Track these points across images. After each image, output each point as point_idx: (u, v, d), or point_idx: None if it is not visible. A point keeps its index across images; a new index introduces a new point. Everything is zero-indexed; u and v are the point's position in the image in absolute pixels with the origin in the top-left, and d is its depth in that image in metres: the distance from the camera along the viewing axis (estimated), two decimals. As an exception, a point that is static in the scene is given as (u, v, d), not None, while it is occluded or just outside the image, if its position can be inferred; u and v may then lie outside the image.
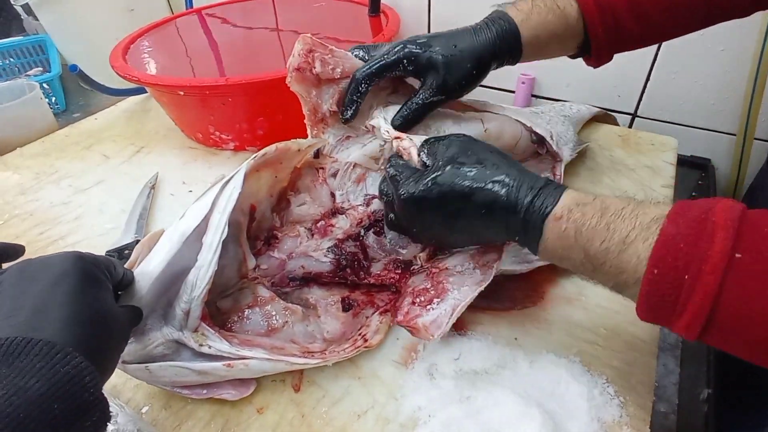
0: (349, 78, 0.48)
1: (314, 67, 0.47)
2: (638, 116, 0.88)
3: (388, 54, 0.47)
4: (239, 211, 0.46)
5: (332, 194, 0.53)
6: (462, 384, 0.40)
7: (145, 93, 0.94)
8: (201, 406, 0.41)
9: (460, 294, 0.43)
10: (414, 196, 0.40)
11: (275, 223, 0.51)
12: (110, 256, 0.39)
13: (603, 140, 0.73)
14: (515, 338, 0.45)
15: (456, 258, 0.47)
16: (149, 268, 0.37)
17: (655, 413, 0.50)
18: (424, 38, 0.47)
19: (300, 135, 0.51)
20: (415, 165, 0.43)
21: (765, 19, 0.70)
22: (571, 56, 0.53)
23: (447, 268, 0.46)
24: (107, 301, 0.31)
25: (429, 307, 0.43)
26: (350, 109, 0.49)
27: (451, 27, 0.49)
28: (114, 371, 0.31)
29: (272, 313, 0.45)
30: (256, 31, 0.91)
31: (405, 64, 0.47)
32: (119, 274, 0.35)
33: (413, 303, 0.44)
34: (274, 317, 0.44)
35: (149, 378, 0.38)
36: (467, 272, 0.45)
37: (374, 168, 0.53)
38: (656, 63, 0.81)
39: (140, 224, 0.61)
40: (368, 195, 0.53)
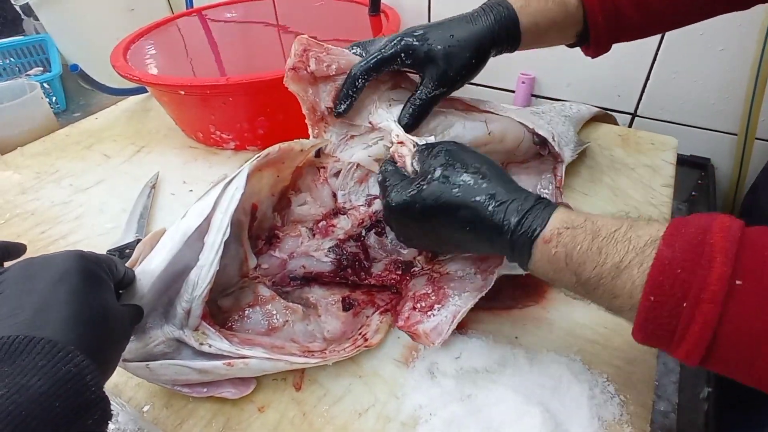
0: (345, 74, 0.48)
1: (308, 66, 0.47)
2: (638, 116, 0.88)
3: (385, 48, 0.46)
4: (241, 211, 0.46)
5: (334, 194, 0.53)
6: (463, 382, 0.40)
7: (146, 93, 0.94)
8: (202, 405, 0.41)
9: (461, 300, 0.43)
10: (398, 206, 0.40)
11: (276, 223, 0.52)
12: (111, 256, 0.39)
13: (603, 140, 0.73)
14: (516, 337, 0.45)
15: (457, 262, 0.47)
16: (151, 267, 0.37)
17: (656, 412, 0.50)
18: (421, 30, 0.46)
19: (301, 134, 0.51)
20: (408, 173, 0.43)
21: (766, 19, 0.70)
22: (570, 45, 0.52)
23: (448, 273, 0.46)
24: (109, 300, 0.31)
25: (430, 314, 0.43)
26: (344, 104, 0.48)
27: (452, 26, 0.48)
28: (115, 370, 0.31)
29: (273, 312, 0.45)
30: (257, 31, 0.91)
31: (402, 58, 0.46)
32: (120, 273, 0.35)
33: (414, 308, 0.44)
34: (275, 316, 0.45)
35: (150, 376, 0.39)
36: (468, 277, 0.45)
37: (377, 169, 0.53)
38: (656, 62, 0.81)
39: (141, 224, 0.61)
40: (370, 195, 0.53)
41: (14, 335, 0.24)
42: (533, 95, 0.96)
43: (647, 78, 0.84)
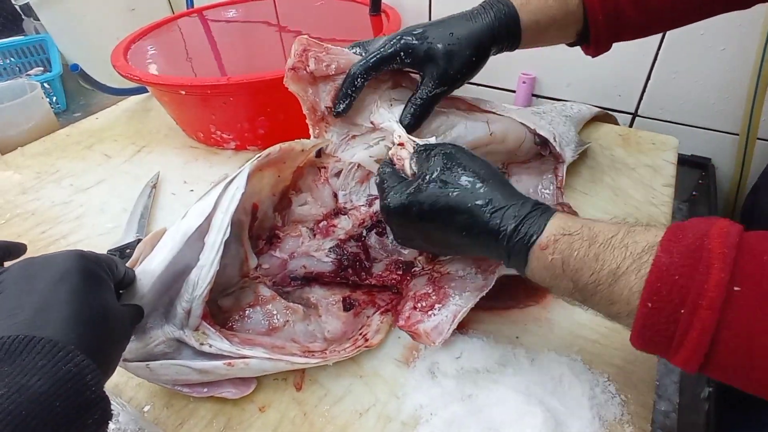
0: (345, 74, 0.48)
1: (308, 66, 0.47)
2: (639, 116, 0.88)
3: (384, 47, 0.46)
4: (242, 211, 0.46)
5: (335, 194, 0.53)
6: (463, 382, 0.40)
7: (146, 92, 0.94)
8: (203, 405, 0.41)
9: (462, 300, 0.43)
10: (395, 208, 0.40)
11: (277, 223, 0.52)
12: (112, 255, 0.39)
13: (604, 139, 0.73)
14: (517, 337, 0.45)
15: (458, 262, 0.47)
16: (151, 267, 0.37)
17: (656, 412, 0.50)
18: (420, 29, 0.46)
19: (301, 134, 0.51)
20: (407, 175, 0.43)
21: (767, 19, 0.70)
22: (570, 44, 0.52)
23: (449, 273, 0.46)
24: (109, 300, 0.31)
25: (430, 313, 0.43)
26: (343, 103, 0.48)
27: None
28: (116, 370, 0.31)
29: (273, 312, 0.45)
30: (257, 31, 0.91)
31: (402, 57, 0.46)
32: (121, 273, 0.35)
33: (414, 308, 0.44)
34: (275, 316, 0.45)
35: (150, 376, 0.39)
36: (469, 277, 0.45)
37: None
38: (657, 62, 0.81)
39: (141, 223, 0.61)
40: (371, 195, 0.53)
41: (14, 335, 0.24)
42: (534, 95, 0.95)
43: (648, 78, 0.84)
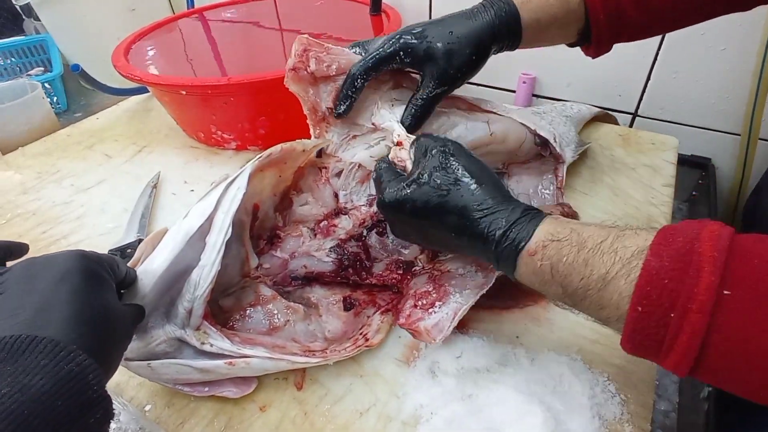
0: (345, 74, 0.48)
1: (309, 66, 0.47)
2: (639, 116, 0.88)
3: (384, 47, 0.46)
4: (243, 211, 0.47)
5: (335, 194, 0.53)
6: (464, 382, 0.40)
7: (147, 92, 0.94)
8: (204, 404, 0.41)
9: (462, 297, 0.43)
10: (391, 203, 0.40)
11: (278, 223, 0.52)
12: (113, 255, 0.39)
13: (603, 139, 0.73)
14: (517, 336, 0.45)
15: (458, 260, 0.47)
16: (153, 267, 0.37)
17: (656, 412, 0.50)
18: (420, 28, 0.46)
19: (302, 134, 0.51)
20: (407, 173, 0.43)
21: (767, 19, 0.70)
22: (571, 44, 0.52)
23: (449, 271, 0.46)
24: (110, 300, 0.31)
25: (431, 311, 0.43)
26: (344, 104, 0.48)
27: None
28: (117, 369, 0.31)
29: (274, 312, 0.45)
30: (258, 31, 0.91)
31: (402, 56, 0.46)
32: (122, 273, 0.35)
33: (415, 306, 0.44)
34: (276, 316, 0.45)
35: (151, 375, 0.39)
36: (469, 275, 0.45)
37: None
38: (657, 63, 0.81)
39: (142, 223, 0.61)
40: (371, 195, 0.53)
41: (16, 335, 0.25)
42: (534, 95, 0.96)
43: (648, 78, 0.84)
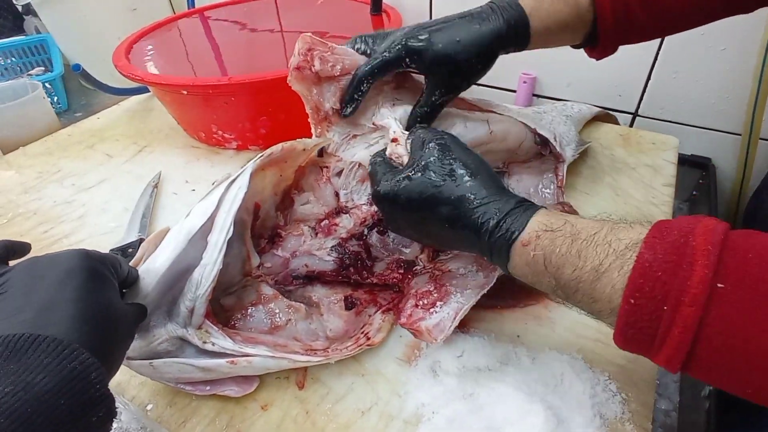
0: (350, 74, 0.48)
1: (313, 66, 0.47)
2: (639, 115, 0.88)
3: (390, 51, 0.46)
4: (244, 210, 0.47)
5: (336, 193, 0.53)
6: (465, 381, 0.41)
7: (148, 92, 0.94)
8: (205, 403, 0.41)
9: (463, 297, 0.43)
10: (386, 195, 0.40)
11: (279, 222, 0.52)
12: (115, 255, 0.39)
13: (604, 139, 0.73)
14: (518, 335, 0.45)
15: (459, 260, 0.47)
16: (155, 266, 0.37)
17: (657, 410, 0.51)
18: (426, 33, 0.45)
19: (302, 134, 0.51)
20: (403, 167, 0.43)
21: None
22: (575, 46, 0.51)
23: (450, 270, 0.47)
24: (113, 299, 0.31)
25: (432, 311, 0.43)
26: (350, 107, 0.49)
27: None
28: (119, 368, 0.31)
29: (275, 311, 0.45)
30: (258, 31, 0.91)
31: (407, 62, 0.46)
32: (124, 272, 0.35)
33: (416, 306, 0.44)
34: (278, 315, 0.45)
35: (153, 374, 0.39)
36: (470, 275, 0.45)
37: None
38: (657, 62, 0.81)
39: (143, 223, 0.61)
40: (372, 194, 0.53)
41: (20, 333, 0.25)
42: (534, 95, 0.96)
43: (648, 78, 0.84)
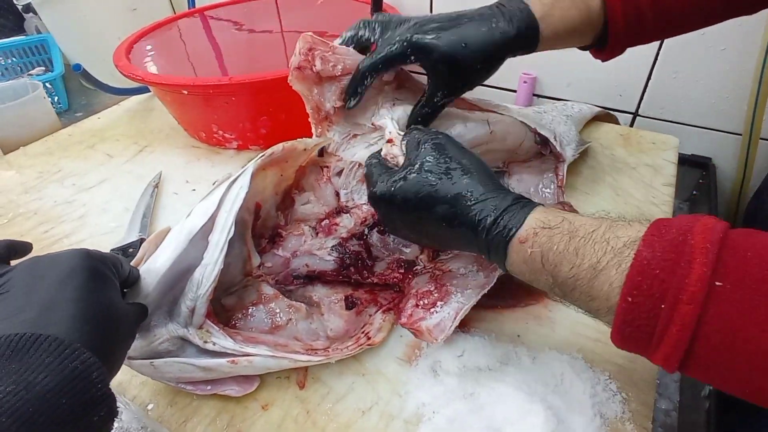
0: (351, 75, 0.48)
1: (314, 65, 0.47)
2: (639, 115, 0.88)
3: (394, 45, 0.45)
4: (245, 210, 0.47)
5: (337, 193, 0.53)
6: (466, 380, 0.41)
7: (148, 92, 0.94)
8: (206, 403, 0.41)
9: (464, 297, 0.44)
10: (382, 196, 0.40)
11: (280, 222, 0.52)
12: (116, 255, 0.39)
13: (604, 139, 0.73)
14: (518, 335, 0.45)
15: (459, 260, 0.47)
16: (156, 266, 0.37)
17: (657, 410, 0.51)
18: (434, 32, 0.43)
19: (303, 133, 0.51)
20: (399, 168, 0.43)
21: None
22: (581, 48, 0.51)
23: (450, 270, 0.47)
24: (114, 299, 0.31)
25: (432, 310, 0.43)
26: (354, 100, 0.48)
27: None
28: (121, 368, 0.32)
29: (276, 311, 0.45)
30: (258, 30, 0.91)
31: (412, 59, 0.45)
32: (126, 272, 0.35)
33: (417, 305, 0.44)
34: (278, 315, 0.45)
35: (154, 374, 0.39)
36: (470, 275, 0.45)
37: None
38: (657, 62, 0.81)
39: (144, 223, 0.61)
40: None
41: (21, 333, 0.25)
42: (535, 95, 0.96)
43: (648, 78, 0.84)
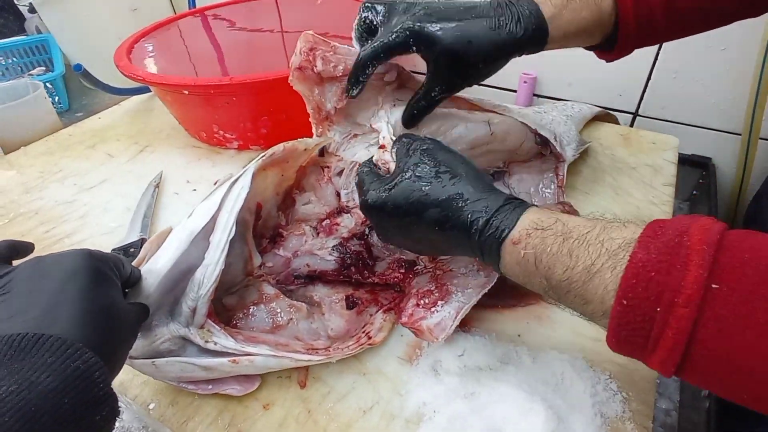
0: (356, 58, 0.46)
1: (315, 66, 0.47)
2: (639, 115, 0.89)
3: (395, 34, 0.43)
4: (246, 210, 0.47)
5: (337, 193, 0.53)
6: (466, 380, 0.41)
7: (149, 92, 0.94)
8: (208, 402, 0.41)
9: (464, 296, 0.44)
10: (373, 204, 0.40)
11: (281, 222, 0.52)
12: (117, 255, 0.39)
13: (604, 139, 0.73)
14: (518, 335, 0.45)
15: (460, 260, 0.47)
16: (157, 266, 0.37)
17: (657, 410, 0.51)
18: (438, 23, 0.41)
19: (303, 133, 0.51)
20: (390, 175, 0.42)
21: None
22: (588, 48, 0.50)
23: (451, 270, 0.47)
24: (116, 298, 0.31)
25: (433, 310, 0.44)
26: (356, 89, 0.47)
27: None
28: (122, 367, 0.32)
29: (277, 311, 0.45)
30: (259, 30, 0.91)
31: (414, 49, 0.43)
32: (127, 272, 0.35)
33: (417, 305, 0.45)
34: (279, 314, 0.45)
35: (155, 373, 0.39)
36: (471, 274, 0.46)
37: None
38: (657, 62, 0.82)
39: (145, 223, 0.61)
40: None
41: (24, 333, 0.25)
42: (535, 95, 0.96)
43: (648, 78, 0.84)
